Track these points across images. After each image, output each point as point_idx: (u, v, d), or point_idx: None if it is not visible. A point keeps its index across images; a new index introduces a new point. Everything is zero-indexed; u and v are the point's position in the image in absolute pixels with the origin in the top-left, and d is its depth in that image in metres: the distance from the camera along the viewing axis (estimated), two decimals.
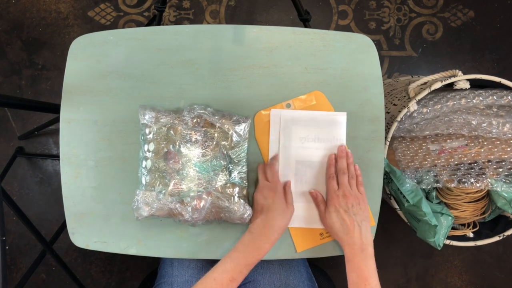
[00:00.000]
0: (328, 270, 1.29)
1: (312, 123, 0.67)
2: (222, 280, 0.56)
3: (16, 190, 1.30)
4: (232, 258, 0.59)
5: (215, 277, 0.57)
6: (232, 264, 0.58)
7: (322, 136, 0.67)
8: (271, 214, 0.61)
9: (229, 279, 0.56)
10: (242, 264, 0.58)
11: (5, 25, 1.32)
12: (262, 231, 0.60)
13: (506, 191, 0.76)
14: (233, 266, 0.57)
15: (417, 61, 1.34)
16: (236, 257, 0.58)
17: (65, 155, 0.67)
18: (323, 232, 0.67)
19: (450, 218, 0.77)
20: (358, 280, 0.57)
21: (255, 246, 0.59)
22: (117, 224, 0.66)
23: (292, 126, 0.67)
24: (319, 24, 1.35)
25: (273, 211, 0.61)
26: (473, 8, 1.35)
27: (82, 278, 1.15)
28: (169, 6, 1.34)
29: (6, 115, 1.30)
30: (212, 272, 0.58)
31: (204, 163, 0.64)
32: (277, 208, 0.61)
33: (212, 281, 0.56)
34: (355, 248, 0.59)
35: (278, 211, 0.61)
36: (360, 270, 0.58)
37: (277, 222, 0.60)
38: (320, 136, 0.67)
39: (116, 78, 0.67)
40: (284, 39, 0.68)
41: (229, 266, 0.58)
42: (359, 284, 0.57)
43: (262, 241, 0.59)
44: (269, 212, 0.61)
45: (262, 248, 0.59)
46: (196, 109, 0.64)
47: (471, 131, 0.78)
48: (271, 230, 0.60)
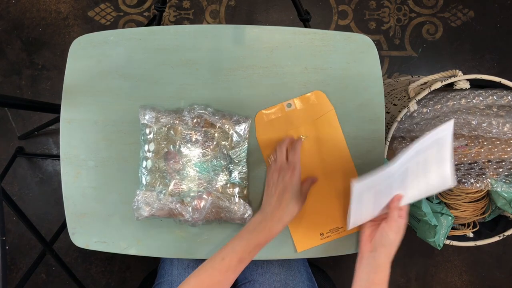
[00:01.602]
0: (328, 270, 1.30)
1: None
2: (231, 261, 0.54)
3: (16, 190, 1.30)
4: (241, 238, 0.57)
5: (223, 256, 0.55)
6: (241, 244, 0.56)
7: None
8: (287, 195, 0.58)
9: (237, 260, 0.55)
10: (252, 245, 0.56)
11: (5, 25, 1.32)
12: (275, 211, 0.58)
13: (506, 191, 0.77)
14: (242, 246, 0.56)
15: (417, 61, 1.34)
16: (246, 237, 0.56)
17: (65, 155, 0.67)
18: (323, 232, 0.67)
19: (450, 218, 0.77)
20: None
21: (266, 226, 0.57)
22: (117, 224, 0.66)
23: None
24: (319, 24, 1.35)
25: (289, 192, 0.59)
26: (473, 8, 1.35)
27: (82, 278, 1.15)
28: (169, 6, 1.34)
29: (6, 115, 1.30)
30: (220, 252, 0.56)
31: (205, 163, 0.64)
32: (293, 190, 0.59)
33: (221, 261, 0.55)
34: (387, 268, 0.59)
35: (295, 193, 0.59)
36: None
37: (291, 204, 0.58)
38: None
39: (116, 78, 0.67)
40: (284, 39, 0.68)
41: (238, 246, 0.56)
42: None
43: (274, 221, 0.57)
44: (285, 192, 0.59)
45: (273, 229, 0.57)
46: (196, 109, 0.64)
47: (471, 131, 0.78)
48: (285, 211, 0.58)
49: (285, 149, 0.63)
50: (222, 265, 0.54)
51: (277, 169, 0.61)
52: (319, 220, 0.67)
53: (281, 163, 0.61)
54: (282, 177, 0.60)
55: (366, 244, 0.61)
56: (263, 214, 0.59)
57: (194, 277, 0.54)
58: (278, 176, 0.61)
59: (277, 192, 0.59)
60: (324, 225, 0.67)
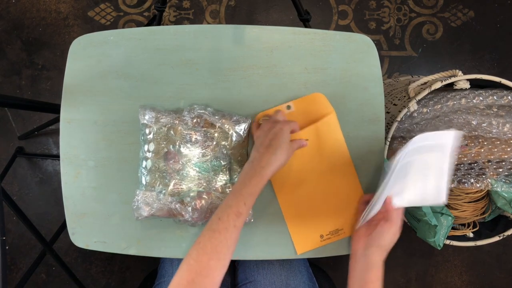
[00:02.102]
0: (328, 270, 1.30)
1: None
2: (228, 217, 0.52)
3: (16, 190, 1.30)
4: (234, 192, 0.55)
5: (219, 216, 0.53)
6: (234, 196, 0.54)
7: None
8: (276, 141, 0.58)
9: (235, 214, 0.53)
10: (245, 194, 0.54)
11: (5, 25, 1.32)
12: (263, 156, 0.57)
13: (506, 191, 0.77)
14: (236, 199, 0.54)
15: (417, 61, 1.34)
16: (238, 188, 0.55)
17: (65, 155, 0.67)
18: (323, 234, 0.67)
19: (450, 218, 0.77)
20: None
21: (256, 171, 0.56)
22: (117, 224, 0.66)
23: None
24: (319, 24, 1.35)
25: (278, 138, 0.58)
26: (473, 8, 1.35)
27: (82, 278, 1.15)
28: (169, 6, 1.34)
29: (6, 115, 1.30)
30: (215, 214, 0.54)
31: (204, 163, 0.64)
32: (283, 138, 0.58)
33: (218, 220, 0.52)
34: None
35: (284, 140, 0.58)
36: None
37: (280, 150, 0.58)
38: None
39: (116, 78, 0.67)
40: (284, 39, 0.68)
41: (231, 201, 0.54)
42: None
43: (263, 165, 0.56)
44: (275, 139, 0.58)
45: (263, 173, 0.56)
46: (196, 109, 0.64)
47: (471, 131, 0.78)
48: (273, 154, 0.57)
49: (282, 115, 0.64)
50: (220, 224, 0.52)
51: (270, 123, 0.61)
52: (319, 222, 0.67)
53: (274, 120, 0.62)
54: (271, 130, 0.60)
55: (359, 241, 0.61)
56: (251, 162, 0.58)
57: (193, 246, 0.52)
58: (268, 129, 0.60)
59: (267, 139, 0.59)
60: (324, 227, 0.67)
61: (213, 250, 0.51)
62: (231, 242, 0.53)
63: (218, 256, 0.51)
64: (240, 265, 0.76)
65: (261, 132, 0.61)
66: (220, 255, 0.51)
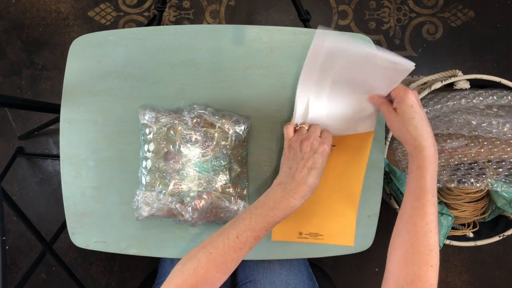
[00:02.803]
0: (328, 270, 1.29)
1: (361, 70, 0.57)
2: (247, 238, 0.50)
3: (16, 190, 1.30)
4: (259, 215, 0.52)
5: (238, 234, 0.50)
6: (259, 221, 0.51)
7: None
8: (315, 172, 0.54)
9: (253, 238, 0.51)
10: (271, 223, 0.52)
11: (5, 25, 1.32)
12: (299, 188, 0.53)
13: (506, 191, 0.77)
14: (261, 224, 0.51)
15: (417, 61, 1.34)
16: (265, 214, 0.52)
17: (65, 155, 0.67)
18: (303, 232, 0.66)
19: (450, 218, 0.77)
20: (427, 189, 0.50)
21: (289, 204, 0.52)
22: (117, 224, 0.66)
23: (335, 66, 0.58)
24: (319, 24, 1.35)
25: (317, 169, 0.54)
26: (473, 8, 1.35)
27: (82, 278, 1.15)
28: (169, 6, 1.34)
29: (6, 115, 1.30)
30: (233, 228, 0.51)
31: (204, 163, 0.64)
32: (322, 167, 0.54)
33: (235, 238, 0.50)
34: (432, 151, 0.51)
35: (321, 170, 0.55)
36: (433, 181, 0.51)
37: (317, 182, 0.54)
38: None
39: (116, 78, 0.67)
40: (284, 39, 0.68)
41: (255, 224, 0.51)
42: (423, 191, 0.50)
43: (297, 199, 0.53)
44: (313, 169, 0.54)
45: (295, 206, 0.53)
46: (196, 109, 0.64)
47: (471, 131, 0.78)
48: (309, 189, 0.53)
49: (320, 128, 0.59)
50: (237, 242, 0.50)
51: (310, 140, 0.55)
52: (303, 219, 0.66)
53: (315, 135, 0.56)
54: (313, 152, 0.54)
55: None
56: (285, 190, 0.53)
57: (203, 253, 0.50)
58: (310, 149, 0.54)
59: (306, 167, 0.54)
60: (305, 226, 0.66)
61: (223, 265, 0.51)
62: (241, 259, 0.53)
63: (226, 271, 0.51)
64: (240, 264, 0.76)
65: (298, 148, 0.56)
66: (227, 269, 0.51)
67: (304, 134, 0.57)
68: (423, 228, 0.49)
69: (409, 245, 0.49)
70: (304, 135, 0.57)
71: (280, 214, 0.52)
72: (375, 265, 1.31)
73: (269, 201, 0.53)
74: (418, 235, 0.49)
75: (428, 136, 0.52)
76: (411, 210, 0.51)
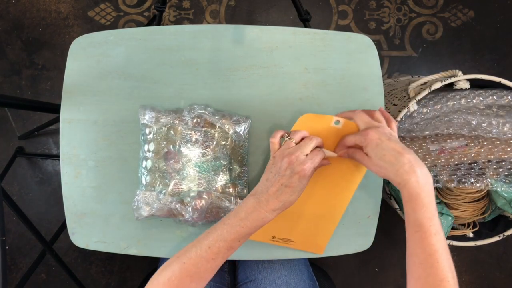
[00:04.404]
0: (328, 269, 1.30)
1: None
2: (219, 249, 0.51)
3: (16, 190, 1.30)
4: (231, 225, 0.52)
5: (210, 245, 0.51)
6: (231, 232, 0.51)
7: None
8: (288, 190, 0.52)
9: (226, 248, 0.51)
10: (243, 234, 0.52)
11: (5, 25, 1.32)
12: (271, 201, 0.52)
13: (506, 191, 0.77)
14: (232, 235, 0.51)
15: (417, 61, 1.34)
16: (236, 225, 0.52)
17: (65, 155, 0.67)
18: (276, 236, 0.65)
19: (450, 218, 0.77)
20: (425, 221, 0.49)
21: (260, 215, 0.52)
22: (117, 224, 0.66)
23: None
24: (319, 24, 1.35)
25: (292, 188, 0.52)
26: (473, 8, 1.35)
27: (82, 278, 1.15)
28: (169, 6, 1.34)
29: (6, 115, 1.30)
30: (206, 238, 0.52)
31: (205, 163, 0.64)
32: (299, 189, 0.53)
33: (207, 249, 0.51)
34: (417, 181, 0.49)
35: (297, 191, 0.53)
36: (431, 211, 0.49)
37: (291, 199, 0.53)
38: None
39: (116, 78, 0.67)
40: (284, 39, 0.68)
41: (228, 234, 0.51)
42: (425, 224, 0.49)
43: (268, 211, 0.52)
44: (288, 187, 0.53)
45: (266, 219, 0.52)
46: (196, 109, 0.64)
47: (471, 131, 0.78)
48: (281, 204, 0.53)
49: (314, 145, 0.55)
50: (209, 253, 0.51)
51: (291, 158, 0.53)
52: (280, 224, 0.64)
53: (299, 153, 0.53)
54: (291, 170, 0.52)
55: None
56: (257, 201, 0.53)
57: (177, 263, 0.51)
58: (288, 167, 0.53)
59: (280, 183, 0.53)
60: (279, 230, 0.65)
61: (196, 275, 0.51)
62: (216, 268, 0.53)
63: (200, 280, 0.52)
64: (240, 264, 0.76)
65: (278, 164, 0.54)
66: (202, 280, 0.52)
67: (288, 149, 0.54)
68: (428, 260, 0.48)
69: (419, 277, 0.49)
70: (287, 151, 0.54)
71: (251, 225, 0.52)
72: (375, 265, 1.31)
73: (241, 212, 0.53)
74: (426, 268, 0.48)
75: (408, 167, 0.49)
76: (412, 244, 0.51)
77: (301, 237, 0.66)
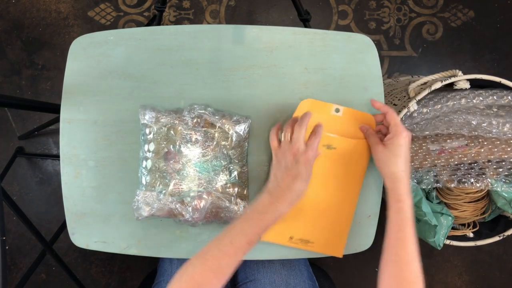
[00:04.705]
0: (328, 269, 1.30)
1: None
2: (240, 243, 0.53)
3: (16, 190, 1.30)
4: (250, 219, 0.55)
5: (231, 239, 0.53)
6: (250, 225, 0.54)
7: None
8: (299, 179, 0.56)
9: (246, 242, 0.53)
10: (262, 226, 0.54)
11: (5, 25, 1.32)
12: (285, 194, 0.55)
13: (506, 191, 0.77)
14: (252, 228, 0.54)
15: (417, 61, 1.34)
16: (255, 218, 0.55)
17: (65, 155, 0.67)
18: (294, 236, 0.65)
19: (450, 218, 0.77)
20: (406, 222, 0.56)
21: (276, 208, 0.55)
22: (117, 224, 0.66)
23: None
24: (319, 24, 1.35)
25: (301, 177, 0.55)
26: (473, 8, 1.35)
27: (82, 278, 1.15)
28: (169, 6, 1.34)
29: (6, 115, 1.30)
30: (227, 234, 0.54)
31: (205, 163, 0.64)
32: (306, 176, 0.56)
33: (229, 243, 0.53)
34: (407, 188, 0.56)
35: (306, 178, 0.56)
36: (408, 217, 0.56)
37: (302, 188, 0.56)
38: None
39: (116, 78, 0.67)
40: (284, 39, 0.68)
41: (247, 228, 0.54)
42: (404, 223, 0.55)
43: (283, 204, 0.55)
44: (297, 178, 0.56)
45: (282, 211, 0.55)
46: (196, 109, 0.64)
47: (471, 131, 0.78)
48: (295, 194, 0.56)
49: (304, 129, 0.57)
50: (230, 247, 0.53)
51: (293, 151, 0.56)
52: (296, 224, 0.65)
53: (298, 145, 0.56)
54: (296, 161, 0.56)
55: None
56: (272, 196, 0.56)
57: (199, 259, 0.53)
58: (293, 159, 0.56)
59: (290, 176, 0.56)
60: (297, 231, 0.65)
61: (219, 270, 0.53)
62: (237, 264, 0.54)
63: (223, 276, 0.53)
64: (240, 264, 0.76)
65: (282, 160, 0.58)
66: (224, 275, 0.53)
67: (288, 144, 0.58)
68: (406, 258, 0.55)
69: (396, 275, 0.55)
70: (287, 145, 0.58)
71: (269, 218, 0.55)
72: (375, 265, 1.31)
73: (259, 206, 0.56)
74: (403, 265, 0.55)
75: (404, 174, 0.57)
76: (394, 242, 0.56)
77: (319, 236, 0.65)
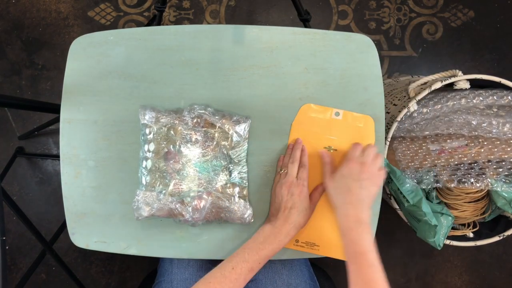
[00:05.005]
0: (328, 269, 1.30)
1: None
2: (241, 270, 0.57)
3: (16, 190, 1.30)
4: (252, 248, 0.59)
5: (233, 266, 0.57)
6: (252, 254, 0.58)
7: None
8: (295, 211, 0.61)
9: (248, 269, 0.57)
10: (262, 256, 0.58)
11: (5, 25, 1.32)
12: (283, 226, 0.60)
13: (506, 191, 0.77)
14: (253, 256, 0.58)
15: (417, 61, 1.34)
16: (256, 248, 0.59)
17: (65, 155, 0.67)
18: (299, 239, 0.66)
19: (450, 218, 0.77)
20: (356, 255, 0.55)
21: (276, 239, 0.60)
22: (117, 224, 0.66)
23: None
24: (319, 24, 1.35)
25: (297, 209, 0.61)
26: (473, 8, 1.35)
27: (82, 278, 1.15)
28: (169, 6, 1.34)
29: (6, 115, 1.30)
30: (229, 261, 0.58)
31: (205, 163, 0.64)
32: (301, 207, 0.62)
33: (231, 270, 0.56)
34: (350, 220, 0.58)
35: (302, 210, 0.62)
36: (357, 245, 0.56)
37: (298, 220, 0.61)
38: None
39: (116, 78, 0.67)
40: (284, 39, 0.68)
41: (248, 256, 0.58)
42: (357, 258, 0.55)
43: (283, 235, 0.60)
44: (293, 209, 0.61)
45: (282, 242, 0.60)
46: (196, 109, 0.64)
47: (471, 131, 0.78)
48: (292, 226, 0.60)
49: (297, 165, 0.65)
50: (232, 273, 0.56)
51: (287, 185, 0.63)
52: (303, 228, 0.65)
53: (292, 179, 0.63)
54: (291, 194, 0.62)
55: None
56: (273, 227, 0.61)
57: (202, 283, 0.56)
58: (288, 192, 0.62)
59: (287, 208, 0.61)
60: (303, 234, 0.66)
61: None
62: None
63: None
64: None
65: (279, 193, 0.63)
66: None
67: (283, 179, 0.64)
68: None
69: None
70: (283, 180, 0.64)
71: (269, 247, 0.59)
72: None
73: (260, 237, 0.61)
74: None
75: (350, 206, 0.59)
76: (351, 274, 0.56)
77: (325, 239, 0.66)
